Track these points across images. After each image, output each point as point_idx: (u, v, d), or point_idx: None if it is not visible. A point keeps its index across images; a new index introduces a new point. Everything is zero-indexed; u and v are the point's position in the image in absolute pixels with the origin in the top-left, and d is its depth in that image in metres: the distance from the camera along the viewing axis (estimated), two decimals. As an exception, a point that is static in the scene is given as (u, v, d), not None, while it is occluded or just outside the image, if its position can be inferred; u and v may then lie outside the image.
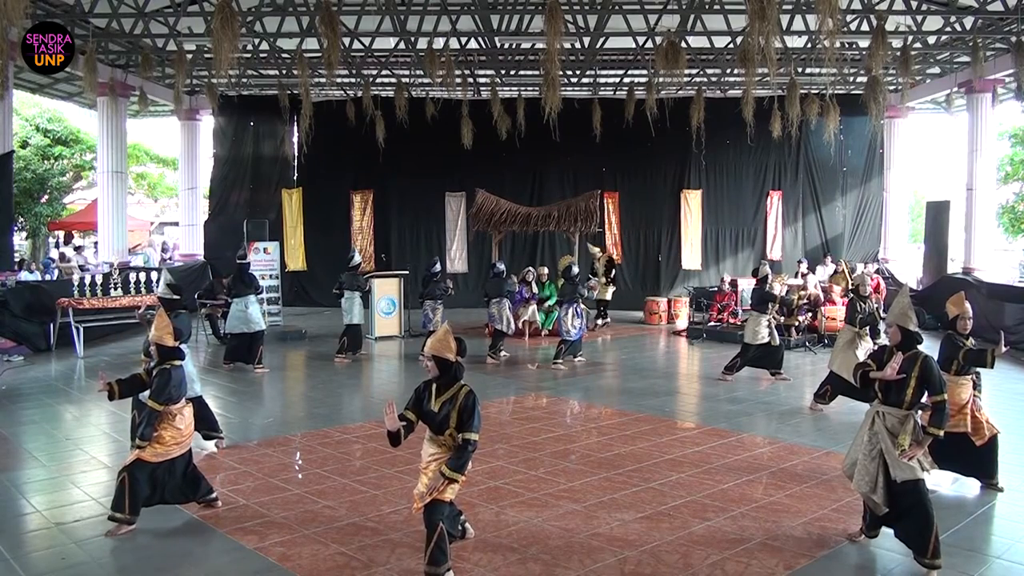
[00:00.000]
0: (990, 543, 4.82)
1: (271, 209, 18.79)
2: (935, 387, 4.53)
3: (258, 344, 10.83)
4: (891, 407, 4.59)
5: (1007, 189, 23.88)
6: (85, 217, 22.25)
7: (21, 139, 21.72)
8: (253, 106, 18.95)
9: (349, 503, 5.45)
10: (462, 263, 19.02)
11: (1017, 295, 13.19)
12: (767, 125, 15.55)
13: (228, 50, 9.92)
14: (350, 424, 7.82)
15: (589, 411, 8.70)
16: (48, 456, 6.61)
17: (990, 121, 16.18)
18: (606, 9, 13.72)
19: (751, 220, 19.17)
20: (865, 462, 4.59)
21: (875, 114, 13.60)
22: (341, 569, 4.39)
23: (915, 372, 4.51)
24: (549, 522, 5.10)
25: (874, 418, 4.65)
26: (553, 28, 10.91)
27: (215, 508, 5.26)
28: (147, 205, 32.65)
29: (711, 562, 4.48)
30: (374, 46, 15.92)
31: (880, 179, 19.22)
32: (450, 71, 13.62)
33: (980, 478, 5.88)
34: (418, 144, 17.40)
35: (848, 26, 13.59)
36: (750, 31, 9.50)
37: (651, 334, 15.07)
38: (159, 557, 4.59)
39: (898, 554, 4.61)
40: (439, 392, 4.26)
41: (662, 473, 6.16)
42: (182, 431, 5.11)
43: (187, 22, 14.13)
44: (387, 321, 13.92)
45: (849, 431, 7.55)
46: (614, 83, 18.55)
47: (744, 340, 10.26)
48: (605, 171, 18.80)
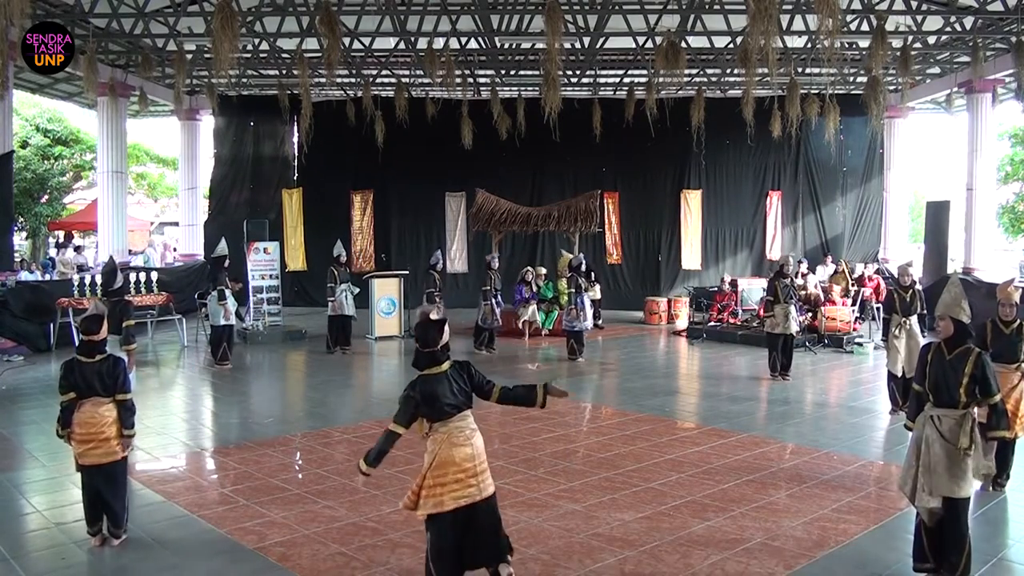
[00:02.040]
0: (991, 543, 4.82)
1: (271, 209, 18.78)
2: (990, 387, 4.20)
3: (220, 340, 10.99)
4: (944, 408, 4.22)
5: (1007, 189, 23.89)
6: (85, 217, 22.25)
7: (21, 139, 21.72)
8: (253, 106, 18.94)
9: (349, 503, 5.45)
10: (462, 263, 19.00)
11: (1017, 295, 13.18)
12: (767, 125, 15.54)
13: (228, 50, 9.92)
14: (350, 424, 7.82)
15: (589, 411, 8.70)
16: (48, 456, 6.61)
17: (990, 121, 16.17)
18: (606, 9, 13.72)
19: (751, 220, 19.16)
20: (923, 473, 4.20)
21: (875, 114, 13.60)
22: (341, 569, 4.39)
23: (968, 368, 4.16)
24: (549, 522, 5.10)
25: (926, 424, 4.27)
26: (553, 28, 10.91)
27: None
28: (147, 205, 32.66)
29: (711, 562, 4.48)
30: (374, 46, 15.91)
31: (880, 179, 19.22)
32: (450, 71, 13.61)
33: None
34: (418, 144, 17.39)
35: (848, 26, 13.58)
36: (750, 31, 9.50)
37: (651, 334, 15.07)
38: (159, 557, 4.59)
39: (898, 554, 4.61)
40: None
41: (662, 473, 6.16)
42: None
43: (187, 22, 14.13)
44: (387, 321, 13.92)
45: (849, 431, 7.58)
46: (614, 83, 18.54)
47: (775, 332, 10.24)
48: (605, 171, 18.78)
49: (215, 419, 8.50)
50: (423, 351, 3.95)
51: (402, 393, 3.97)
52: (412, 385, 3.93)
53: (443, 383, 3.89)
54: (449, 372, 3.94)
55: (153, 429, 7.73)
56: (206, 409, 9.06)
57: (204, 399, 9.52)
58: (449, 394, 3.88)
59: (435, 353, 3.93)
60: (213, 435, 7.71)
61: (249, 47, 15.74)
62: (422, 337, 3.95)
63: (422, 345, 3.95)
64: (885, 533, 4.95)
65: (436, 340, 3.93)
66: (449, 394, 3.88)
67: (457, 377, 3.94)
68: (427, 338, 3.93)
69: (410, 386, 3.94)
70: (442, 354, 3.95)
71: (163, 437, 7.41)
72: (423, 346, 3.95)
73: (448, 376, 3.92)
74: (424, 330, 3.95)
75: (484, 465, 3.94)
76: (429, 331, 3.94)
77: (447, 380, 3.91)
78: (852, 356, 12.19)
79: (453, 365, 3.97)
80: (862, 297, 14.66)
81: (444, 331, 3.97)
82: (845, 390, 9.81)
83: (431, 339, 3.93)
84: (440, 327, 3.95)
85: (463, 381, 3.95)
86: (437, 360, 3.93)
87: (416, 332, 4.02)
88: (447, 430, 3.87)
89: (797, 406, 8.87)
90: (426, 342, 3.94)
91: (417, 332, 3.99)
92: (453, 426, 3.88)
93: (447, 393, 3.87)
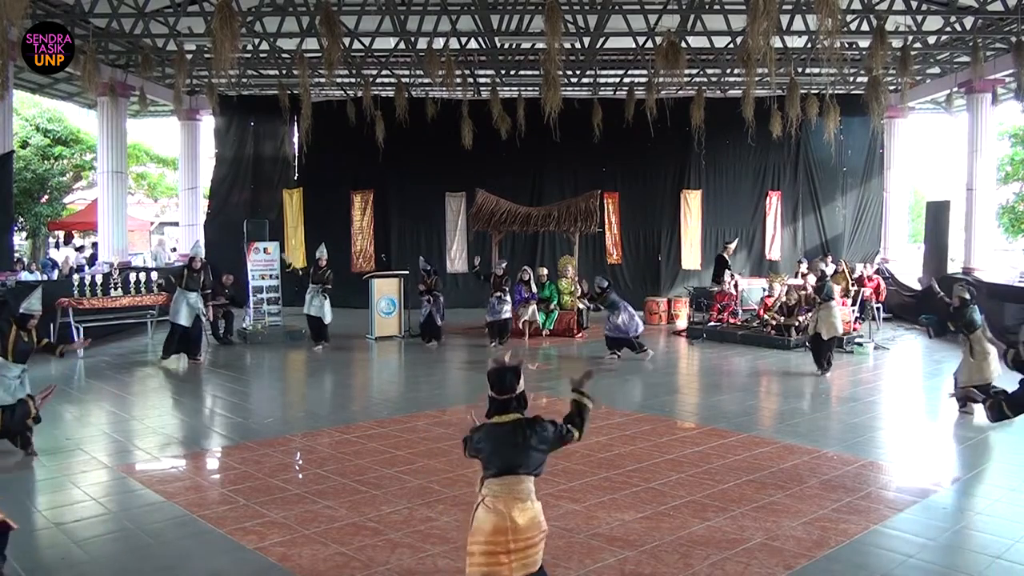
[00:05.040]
0: (990, 543, 4.81)
1: (272, 209, 18.78)
2: None
3: (174, 337, 11.23)
4: None
5: (1007, 189, 23.88)
6: (85, 217, 22.27)
7: (21, 139, 21.72)
8: (253, 106, 18.94)
9: (349, 503, 5.45)
10: (462, 263, 18.99)
11: (1017, 295, 13.20)
12: (767, 125, 15.54)
13: (228, 50, 9.91)
14: (350, 424, 7.82)
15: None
16: (48, 456, 6.61)
17: (990, 121, 16.16)
18: (606, 9, 13.72)
19: (751, 220, 19.16)
20: None
21: (875, 114, 13.60)
22: (341, 569, 4.39)
23: None
24: (549, 522, 5.03)
25: None
26: (553, 28, 10.91)
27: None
28: (147, 205, 32.66)
29: (711, 562, 4.48)
30: (374, 46, 15.91)
31: (880, 179, 19.22)
32: (450, 71, 13.61)
33: None
34: (418, 144, 17.39)
35: (848, 26, 13.58)
36: (750, 31, 9.49)
37: (651, 334, 15.04)
38: (159, 557, 4.59)
39: (898, 554, 4.61)
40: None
41: (662, 473, 6.16)
42: None
43: (187, 22, 14.13)
44: (387, 321, 13.92)
45: (849, 432, 7.58)
46: (614, 83, 18.54)
47: (823, 336, 10.48)
48: (605, 171, 18.77)
49: (215, 419, 8.50)
50: (499, 398, 3.54)
51: (465, 436, 3.67)
52: (477, 431, 3.56)
53: (511, 435, 3.47)
54: (520, 425, 3.50)
55: (153, 429, 7.74)
56: (206, 409, 9.06)
57: (204, 399, 9.52)
58: (512, 450, 3.44)
59: (509, 401, 3.53)
60: (213, 435, 7.71)
61: (249, 47, 15.73)
62: (498, 383, 3.53)
63: (498, 392, 3.54)
64: (885, 533, 4.95)
65: (514, 385, 3.53)
66: (512, 450, 3.44)
67: (531, 433, 3.48)
68: (503, 384, 3.52)
69: (475, 431, 3.57)
70: (517, 404, 3.56)
71: (163, 437, 7.41)
72: (499, 392, 3.54)
73: (518, 428, 3.48)
74: (500, 376, 3.54)
75: (525, 543, 3.39)
76: (506, 376, 3.54)
77: (516, 432, 3.47)
78: (852, 356, 12.19)
79: (526, 420, 3.54)
80: (862, 297, 14.65)
81: (521, 377, 3.58)
82: (845, 390, 9.81)
83: (508, 385, 3.52)
84: (517, 372, 3.57)
85: (538, 439, 3.50)
86: (507, 409, 3.53)
87: (491, 378, 3.56)
88: (492, 491, 3.44)
89: (797, 406, 8.87)
90: (503, 388, 3.53)
91: (492, 378, 3.55)
92: (499, 487, 3.42)
93: (510, 447, 3.44)
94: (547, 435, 3.54)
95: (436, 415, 8.23)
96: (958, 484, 6.03)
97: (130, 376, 10.46)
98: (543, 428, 3.54)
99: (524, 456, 3.45)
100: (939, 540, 4.85)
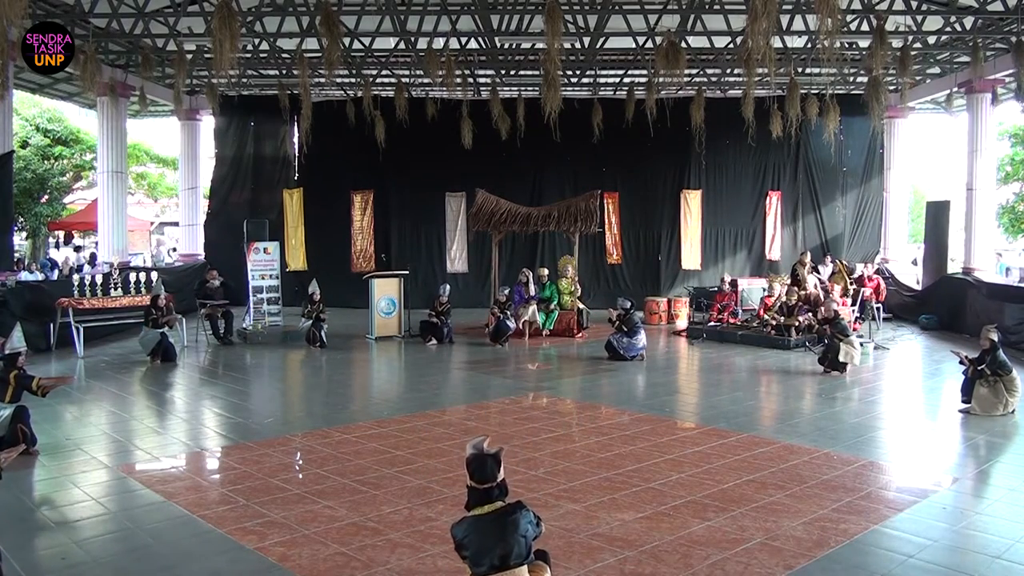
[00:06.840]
0: (990, 543, 4.81)
1: (272, 209, 18.79)
2: None
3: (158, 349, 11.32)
4: None
5: (1007, 189, 23.89)
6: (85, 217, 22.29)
7: (21, 139, 21.75)
8: (253, 106, 18.95)
9: (349, 503, 5.44)
10: (462, 263, 19.01)
11: (1017, 295, 13.20)
12: (767, 125, 15.55)
13: (228, 50, 9.92)
14: (350, 424, 7.81)
15: (589, 411, 8.70)
16: (48, 456, 6.61)
17: (990, 121, 16.17)
18: (606, 9, 13.72)
19: (751, 220, 19.17)
20: None
21: (875, 114, 13.60)
22: (341, 569, 4.39)
23: None
24: (549, 522, 5.08)
25: None
26: (553, 28, 10.92)
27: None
28: (147, 205, 32.69)
29: (711, 562, 4.48)
30: (374, 46, 15.92)
31: (880, 179, 19.22)
32: (450, 71, 13.62)
33: None
34: (418, 144, 17.40)
35: (848, 26, 13.59)
36: (750, 31, 9.50)
37: (651, 334, 15.02)
38: (159, 557, 4.59)
39: (898, 554, 4.61)
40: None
41: (662, 473, 6.16)
42: None
43: (187, 22, 14.14)
44: (387, 321, 13.91)
45: (849, 432, 7.57)
46: (614, 83, 18.55)
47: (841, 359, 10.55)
48: (605, 171, 18.77)
49: (215, 419, 8.49)
50: (479, 488, 3.37)
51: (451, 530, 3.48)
52: (458, 526, 3.38)
53: (496, 526, 3.30)
54: (505, 513, 3.34)
55: (153, 429, 7.74)
56: (206, 409, 9.06)
57: (204, 399, 9.51)
58: (500, 542, 3.26)
59: (491, 490, 3.37)
60: (213, 435, 7.71)
61: (249, 47, 15.75)
62: (478, 472, 3.37)
63: (479, 481, 3.37)
64: (885, 533, 4.95)
65: (495, 473, 3.38)
66: (500, 542, 3.26)
67: (519, 518, 3.33)
68: (484, 473, 3.36)
69: (456, 527, 3.39)
70: (499, 492, 3.39)
71: (163, 437, 7.41)
72: (480, 482, 3.37)
73: (503, 517, 3.32)
74: (480, 464, 3.38)
75: None
76: (487, 464, 3.37)
77: (501, 522, 3.30)
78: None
79: (509, 507, 3.38)
80: (862, 297, 14.66)
81: (501, 464, 3.41)
82: (845, 390, 9.80)
83: (489, 473, 3.36)
84: (498, 459, 3.40)
85: (525, 522, 3.34)
86: (490, 499, 3.36)
87: (470, 467, 3.40)
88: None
89: (797, 406, 8.87)
90: (484, 477, 3.36)
91: (472, 467, 3.39)
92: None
93: (498, 540, 3.27)
94: (531, 520, 3.40)
95: (436, 415, 8.23)
96: (958, 484, 6.02)
97: (130, 376, 10.46)
98: (526, 513, 3.40)
99: (514, 544, 3.29)
100: (939, 540, 4.85)
